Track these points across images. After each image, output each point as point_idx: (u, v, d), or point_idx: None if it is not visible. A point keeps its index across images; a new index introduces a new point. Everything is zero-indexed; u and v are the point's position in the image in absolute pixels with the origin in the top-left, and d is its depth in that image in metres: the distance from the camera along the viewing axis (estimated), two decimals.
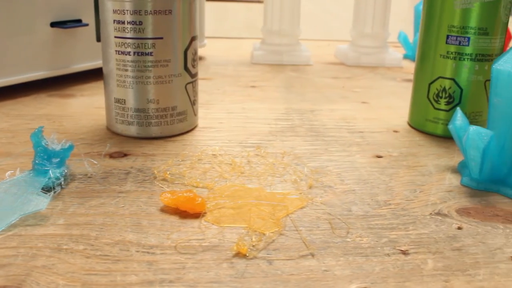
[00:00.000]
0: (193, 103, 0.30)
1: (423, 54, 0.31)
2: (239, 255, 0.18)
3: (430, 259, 0.18)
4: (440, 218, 0.21)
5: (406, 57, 0.57)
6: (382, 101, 0.39)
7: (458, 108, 0.26)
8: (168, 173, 0.24)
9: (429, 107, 0.31)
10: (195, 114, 0.30)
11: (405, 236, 0.20)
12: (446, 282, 0.17)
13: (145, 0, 0.26)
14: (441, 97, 0.30)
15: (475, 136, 0.23)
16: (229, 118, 0.33)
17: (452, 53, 0.29)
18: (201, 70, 0.46)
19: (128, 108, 0.28)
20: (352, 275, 0.17)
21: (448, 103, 0.30)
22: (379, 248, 0.19)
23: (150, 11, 0.26)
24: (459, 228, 0.21)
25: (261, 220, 0.20)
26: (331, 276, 0.17)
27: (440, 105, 0.30)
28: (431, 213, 0.22)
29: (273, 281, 0.17)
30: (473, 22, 0.28)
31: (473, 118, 0.30)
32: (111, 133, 0.29)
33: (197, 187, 0.23)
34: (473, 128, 0.23)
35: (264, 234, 0.20)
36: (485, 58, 0.29)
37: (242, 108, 0.35)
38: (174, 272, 0.17)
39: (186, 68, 0.28)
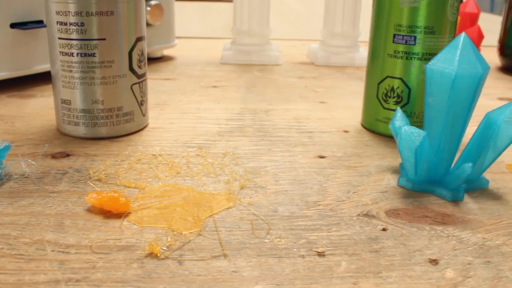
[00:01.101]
0: (141, 103, 0.30)
1: (373, 53, 0.30)
2: (151, 255, 0.18)
3: (345, 261, 0.18)
4: (366, 219, 0.21)
5: None
6: (341, 101, 0.39)
7: (398, 108, 0.26)
8: (103, 173, 0.24)
9: (379, 107, 0.30)
10: (144, 115, 0.30)
11: (325, 237, 0.20)
12: (355, 284, 0.17)
13: (88, 2, 0.26)
14: (389, 97, 0.29)
15: (407, 136, 0.23)
16: (181, 118, 0.33)
17: (399, 52, 0.28)
18: (168, 70, 0.46)
19: (74, 109, 0.28)
20: (260, 276, 0.17)
21: (396, 102, 0.29)
22: (295, 250, 0.19)
23: (93, 12, 0.26)
24: (384, 229, 0.20)
25: (183, 220, 0.20)
26: (238, 277, 0.17)
27: (389, 105, 0.30)
28: (359, 214, 0.21)
29: (178, 282, 0.17)
30: (419, 21, 0.28)
31: (422, 118, 0.30)
32: (60, 133, 0.30)
33: (129, 187, 0.23)
34: (405, 128, 0.23)
35: (182, 234, 0.20)
36: (433, 57, 0.29)
37: (197, 108, 0.35)
38: (83, 271, 0.17)
39: (131, 69, 0.28)
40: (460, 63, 0.22)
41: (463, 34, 0.23)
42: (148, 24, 0.45)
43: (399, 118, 0.25)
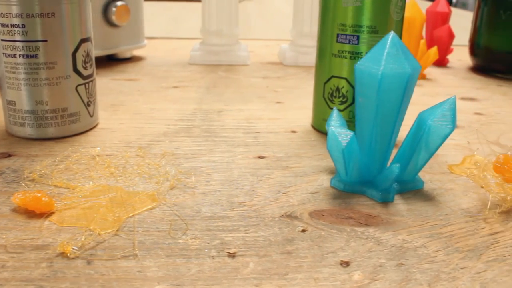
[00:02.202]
0: (88, 104, 0.30)
1: (320, 53, 0.30)
2: (62, 255, 0.18)
3: (254, 262, 0.18)
4: (288, 220, 0.21)
5: None
6: (298, 101, 0.39)
7: (334, 108, 0.26)
8: (37, 173, 0.24)
9: (325, 107, 0.30)
10: (91, 115, 0.30)
11: (241, 238, 0.20)
12: (257, 286, 0.17)
13: (30, 3, 0.26)
14: (335, 97, 0.29)
15: (334, 137, 0.22)
16: (132, 119, 0.33)
17: (343, 52, 0.28)
18: (134, 71, 0.47)
19: (19, 110, 0.28)
20: (163, 276, 0.17)
21: (342, 102, 0.29)
22: (206, 250, 0.19)
23: (35, 14, 0.26)
24: (303, 231, 0.20)
25: (103, 220, 0.20)
26: (141, 277, 0.17)
27: (334, 105, 0.30)
28: (282, 216, 0.21)
29: (81, 281, 0.17)
30: (362, 20, 0.28)
31: None
32: (8, 134, 0.30)
33: (60, 187, 0.23)
34: (332, 128, 0.23)
35: (98, 234, 0.20)
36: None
37: (151, 109, 0.35)
38: None
39: (76, 70, 0.28)
40: (387, 62, 0.21)
41: (391, 33, 0.22)
42: (114, 25, 0.45)
43: (334, 118, 0.25)
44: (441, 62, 0.53)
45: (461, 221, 0.21)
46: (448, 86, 0.46)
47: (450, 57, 0.57)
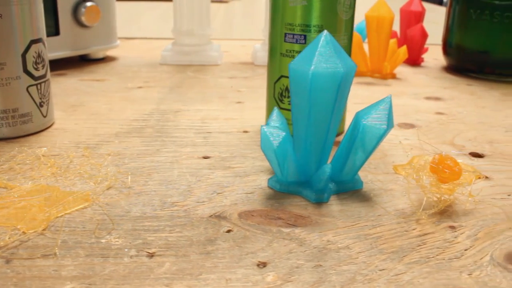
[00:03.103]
0: (40, 105, 0.30)
1: (270, 52, 0.30)
2: None
3: (170, 262, 0.18)
4: (216, 221, 0.21)
5: None
6: (259, 101, 0.39)
7: (275, 108, 0.25)
8: None
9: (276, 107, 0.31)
10: (45, 116, 0.31)
11: (164, 238, 0.20)
12: (167, 286, 0.17)
13: None
14: (284, 97, 0.29)
15: (266, 137, 0.22)
16: (88, 119, 0.33)
17: (291, 51, 0.28)
18: (103, 71, 0.47)
19: None
20: (77, 275, 0.17)
21: (291, 102, 0.29)
22: (126, 250, 0.19)
23: None
24: (228, 231, 0.20)
25: (32, 219, 0.20)
26: (56, 275, 0.17)
27: (284, 105, 0.29)
28: (211, 216, 0.21)
29: None
30: (308, 20, 0.27)
31: None
32: None
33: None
34: (264, 129, 0.22)
35: (23, 233, 0.20)
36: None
37: (109, 109, 0.35)
38: None
39: (26, 71, 0.29)
40: (318, 62, 0.21)
41: (324, 32, 0.22)
42: (84, 26, 0.45)
43: (274, 118, 0.25)
44: (415, 62, 0.52)
45: (392, 223, 0.21)
46: (416, 86, 0.45)
47: (426, 56, 0.56)
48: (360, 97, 0.41)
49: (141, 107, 0.36)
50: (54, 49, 0.44)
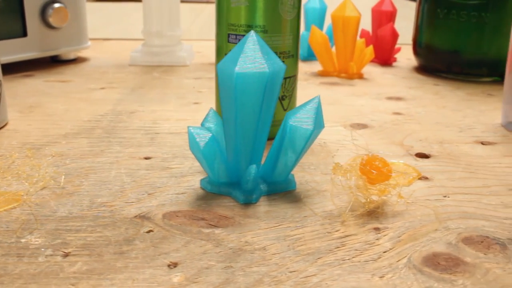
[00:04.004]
0: None
1: (217, 53, 0.30)
2: None
3: (83, 261, 0.18)
4: (139, 221, 0.21)
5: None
6: (212, 101, 0.39)
7: (211, 108, 0.25)
8: None
9: None
10: None
11: (83, 238, 0.20)
12: (73, 285, 0.17)
13: None
14: None
15: (192, 137, 0.22)
16: (42, 120, 0.33)
17: None
18: (71, 72, 0.47)
19: None
20: None
21: None
22: (43, 250, 0.19)
23: None
24: (149, 232, 0.20)
25: None
26: None
27: None
28: (135, 216, 0.21)
29: None
30: (250, 20, 0.27)
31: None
32: None
33: None
34: (191, 129, 0.23)
35: None
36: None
37: (66, 110, 0.36)
38: None
39: None
40: (244, 62, 0.21)
41: (251, 32, 0.22)
42: (52, 27, 0.46)
43: (209, 119, 0.24)
44: (386, 61, 0.52)
45: (317, 224, 0.21)
46: (381, 86, 0.45)
47: (399, 56, 0.56)
48: (321, 97, 0.41)
49: (97, 108, 0.36)
50: (22, 50, 0.44)
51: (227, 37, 0.28)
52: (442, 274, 0.18)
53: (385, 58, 0.51)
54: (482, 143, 0.31)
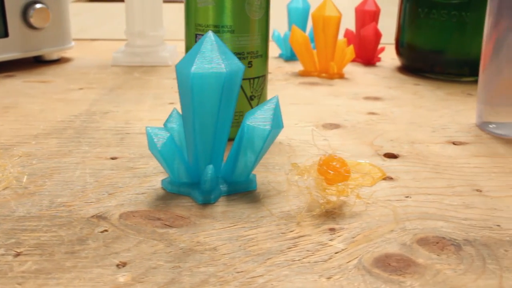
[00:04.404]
0: None
1: (186, 52, 0.30)
2: None
3: (33, 261, 0.18)
4: (95, 221, 0.21)
5: (281, 56, 0.54)
6: None
7: (174, 108, 0.25)
8: None
9: None
10: None
11: (37, 238, 0.20)
12: (19, 284, 0.17)
13: None
14: None
15: (150, 137, 0.22)
16: (16, 120, 0.33)
17: None
18: (53, 73, 0.47)
19: None
20: None
21: None
22: None
23: None
24: (103, 231, 0.20)
25: None
26: None
27: None
28: (92, 216, 0.21)
29: None
30: (217, 20, 0.27)
31: (237, 119, 0.29)
32: None
33: None
34: (149, 129, 0.23)
35: None
36: (236, 56, 0.27)
37: (41, 110, 0.36)
38: None
39: None
40: (200, 62, 0.21)
41: (209, 32, 0.22)
42: (34, 27, 0.46)
43: (172, 119, 0.24)
44: (369, 61, 0.51)
45: (272, 224, 0.21)
46: (361, 85, 0.45)
47: (384, 55, 0.55)
48: (297, 97, 0.41)
49: (72, 108, 0.36)
50: (3, 51, 0.45)
51: (195, 38, 0.28)
52: (391, 276, 0.18)
53: (368, 58, 0.51)
54: (454, 143, 0.31)
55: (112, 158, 0.27)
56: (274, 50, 0.59)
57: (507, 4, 0.30)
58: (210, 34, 0.22)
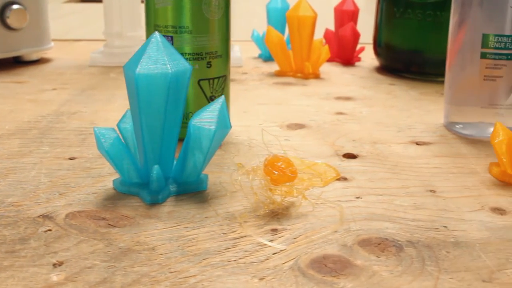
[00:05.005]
0: None
1: None
2: None
3: None
4: (40, 221, 0.21)
5: (260, 56, 0.54)
6: None
7: (128, 109, 0.25)
8: None
9: None
10: None
11: None
12: None
13: None
14: None
15: (97, 138, 0.23)
16: None
17: None
18: (30, 74, 0.47)
19: None
20: None
21: None
22: None
23: None
24: (47, 231, 0.20)
25: None
26: None
27: None
28: (39, 216, 0.21)
29: None
30: (174, 21, 0.27)
31: (190, 119, 0.29)
32: None
33: None
34: (96, 129, 0.23)
35: None
36: (194, 57, 0.28)
37: (11, 111, 0.36)
38: None
39: None
40: (145, 63, 0.21)
41: (155, 33, 0.22)
42: (11, 28, 0.46)
43: (126, 120, 0.24)
44: (348, 61, 0.51)
45: (215, 225, 0.21)
46: (335, 86, 0.45)
47: (364, 55, 0.55)
48: (268, 97, 0.41)
49: (42, 109, 0.36)
50: None
51: None
52: (325, 277, 0.18)
53: (347, 58, 0.51)
54: (417, 144, 0.31)
55: (71, 158, 0.28)
56: (253, 50, 0.58)
57: (470, 2, 0.30)
58: (156, 35, 0.22)
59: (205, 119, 0.22)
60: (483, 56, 0.29)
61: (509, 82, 0.30)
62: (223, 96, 0.23)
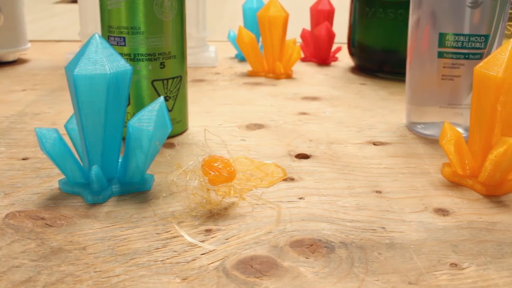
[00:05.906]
0: None
1: None
2: None
3: None
4: None
5: (236, 56, 0.54)
6: None
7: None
8: None
9: None
10: None
11: None
12: None
13: None
14: None
15: (39, 137, 0.23)
16: None
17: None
18: (4, 74, 0.47)
19: None
20: None
21: None
22: None
23: None
24: None
25: None
26: None
27: None
28: None
29: None
30: (125, 21, 0.27)
31: None
32: None
33: None
34: (37, 130, 0.23)
35: None
36: (147, 58, 0.28)
37: None
38: None
39: None
40: (84, 64, 0.21)
41: (95, 34, 0.22)
42: None
43: (73, 121, 0.24)
44: (324, 61, 0.51)
45: (151, 225, 0.21)
46: (305, 86, 0.45)
47: (342, 55, 0.54)
48: (234, 97, 0.40)
49: (7, 109, 0.37)
50: None
51: (108, 39, 0.28)
52: (248, 278, 0.18)
53: (322, 57, 0.50)
54: (374, 144, 0.30)
55: (24, 159, 0.28)
56: (230, 50, 0.58)
57: (428, 0, 0.29)
58: (96, 37, 0.22)
59: (143, 119, 0.22)
60: (441, 55, 0.29)
61: (468, 81, 0.30)
62: (162, 97, 0.23)
